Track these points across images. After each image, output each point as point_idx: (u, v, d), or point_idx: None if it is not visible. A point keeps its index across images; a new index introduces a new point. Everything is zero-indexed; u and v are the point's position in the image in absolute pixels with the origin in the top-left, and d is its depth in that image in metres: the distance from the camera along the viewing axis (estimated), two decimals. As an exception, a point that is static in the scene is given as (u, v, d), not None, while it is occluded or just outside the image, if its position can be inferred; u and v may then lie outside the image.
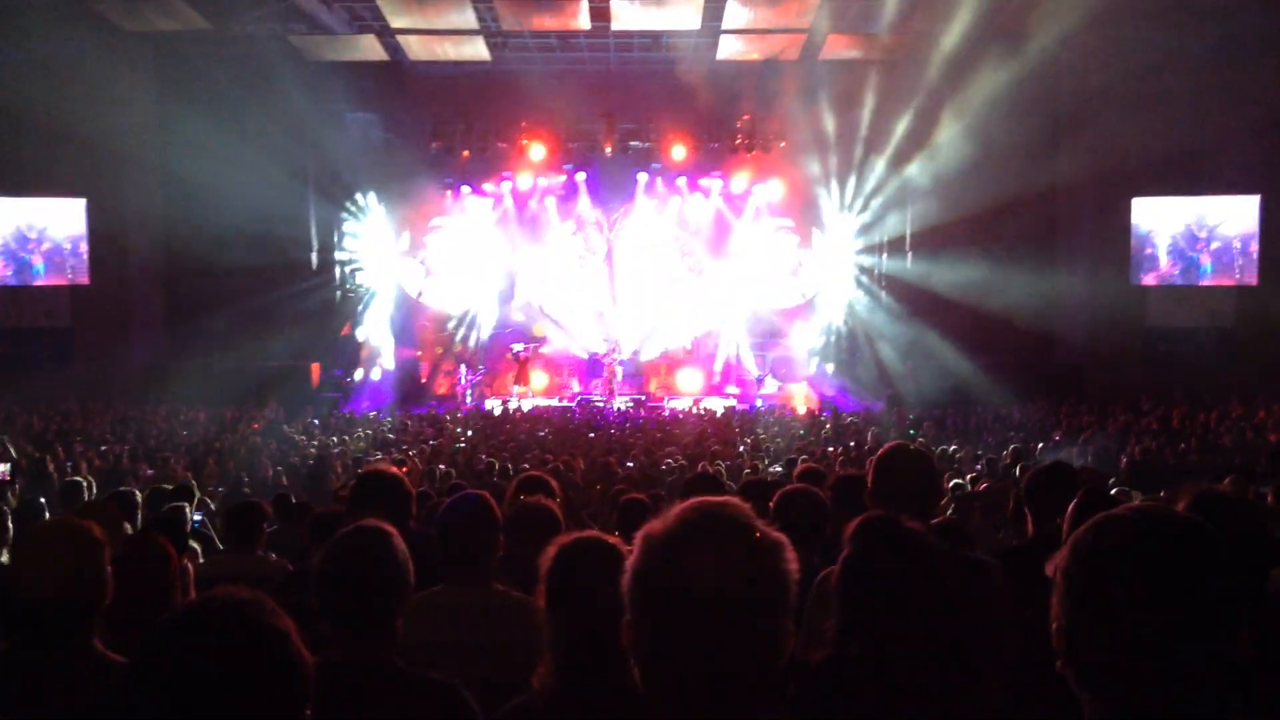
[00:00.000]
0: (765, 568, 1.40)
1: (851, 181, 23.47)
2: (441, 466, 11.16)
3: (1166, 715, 1.33)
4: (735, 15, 19.10)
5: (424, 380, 24.21)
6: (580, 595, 2.13)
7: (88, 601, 2.48)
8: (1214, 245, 21.31)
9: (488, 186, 24.32)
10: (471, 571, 3.20)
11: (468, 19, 19.30)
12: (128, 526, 5.14)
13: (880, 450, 3.48)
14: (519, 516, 3.88)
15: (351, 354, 23.62)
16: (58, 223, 21.69)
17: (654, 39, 21.17)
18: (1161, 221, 21.68)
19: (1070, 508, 3.47)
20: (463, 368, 23.89)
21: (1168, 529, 1.39)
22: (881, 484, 3.29)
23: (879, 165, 22.99)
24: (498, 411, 20.75)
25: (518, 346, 23.73)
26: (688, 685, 1.39)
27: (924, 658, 2.16)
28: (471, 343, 24.80)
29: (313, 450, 13.59)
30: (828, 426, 17.35)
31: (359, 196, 23.84)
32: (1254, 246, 21.00)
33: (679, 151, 23.30)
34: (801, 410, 20.78)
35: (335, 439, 15.39)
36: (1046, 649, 1.46)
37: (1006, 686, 2.36)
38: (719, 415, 19.85)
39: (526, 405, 21.93)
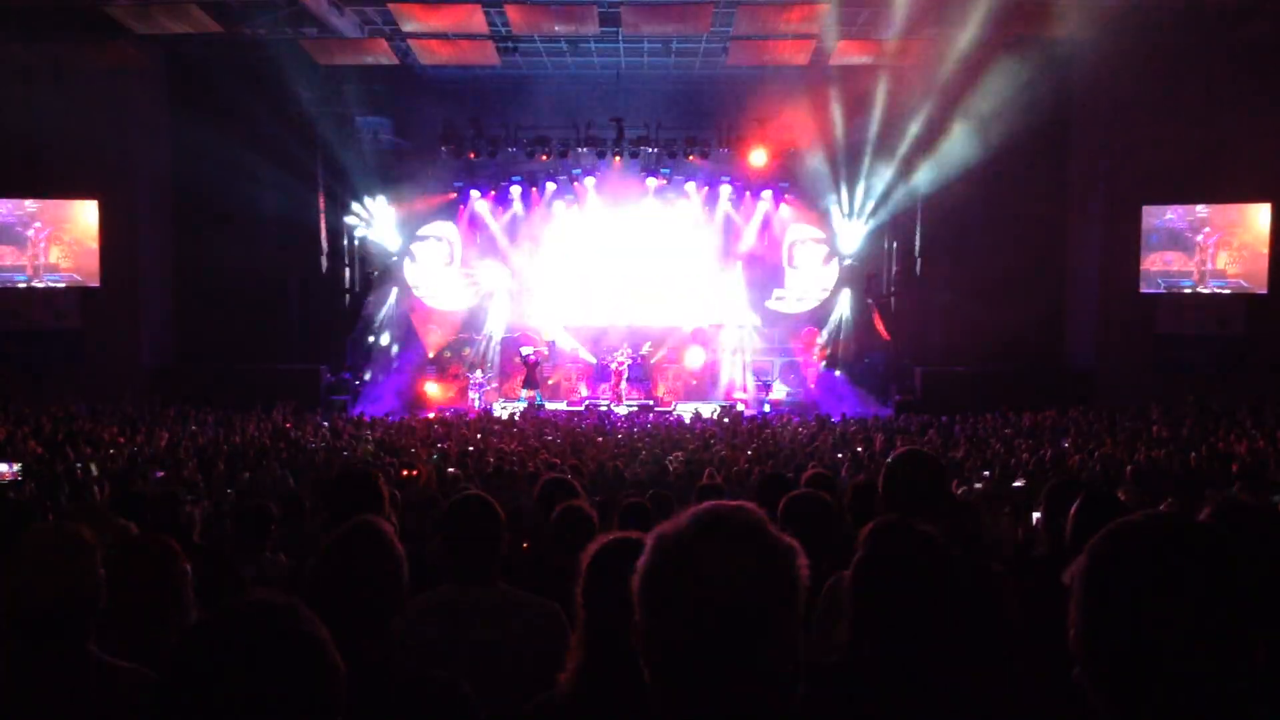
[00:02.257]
0: (777, 572, 1.40)
1: (861, 186, 23.45)
2: (450, 469, 11.17)
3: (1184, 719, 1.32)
4: (745, 21, 19.10)
5: (433, 383, 24.23)
6: (615, 595, 2.13)
7: (80, 606, 2.45)
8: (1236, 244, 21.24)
9: (496, 190, 24.39)
10: (477, 571, 3.21)
11: (478, 24, 19.33)
12: (133, 527, 5.13)
13: (891, 455, 3.47)
14: (563, 519, 3.91)
15: (361, 357, 23.67)
16: (70, 223, 21.77)
17: (664, 44, 21.17)
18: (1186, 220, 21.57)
19: (1072, 510, 3.45)
20: (478, 372, 23.93)
21: (1183, 535, 1.38)
22: (892, 489, 3.27)
23: (889, 170, 22.98)
24: (506, 415, 20.76)
25: (526, 350, 23.76)
26: (695, 688, 1.38)
27: (937, 661, 2.15)
28: (480, 346, 24.84)
29: (322, 453, 13.61)
30: (836, 432, 17.30)
31: (368, 200, 23.89)
32: (1265, 254, 20.90)
33: (689, 156, 23.30)
34: (810, 415, 20.75)
35: (344, 441, 15.40)
36: (1059, 657, 1.45)
37: (1016, 694, 2.35)
38: (726, 420, 19.81)
39: (533, 409, 21.94)
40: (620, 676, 2.11)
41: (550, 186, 24.37)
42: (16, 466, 10.00)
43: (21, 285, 21.69)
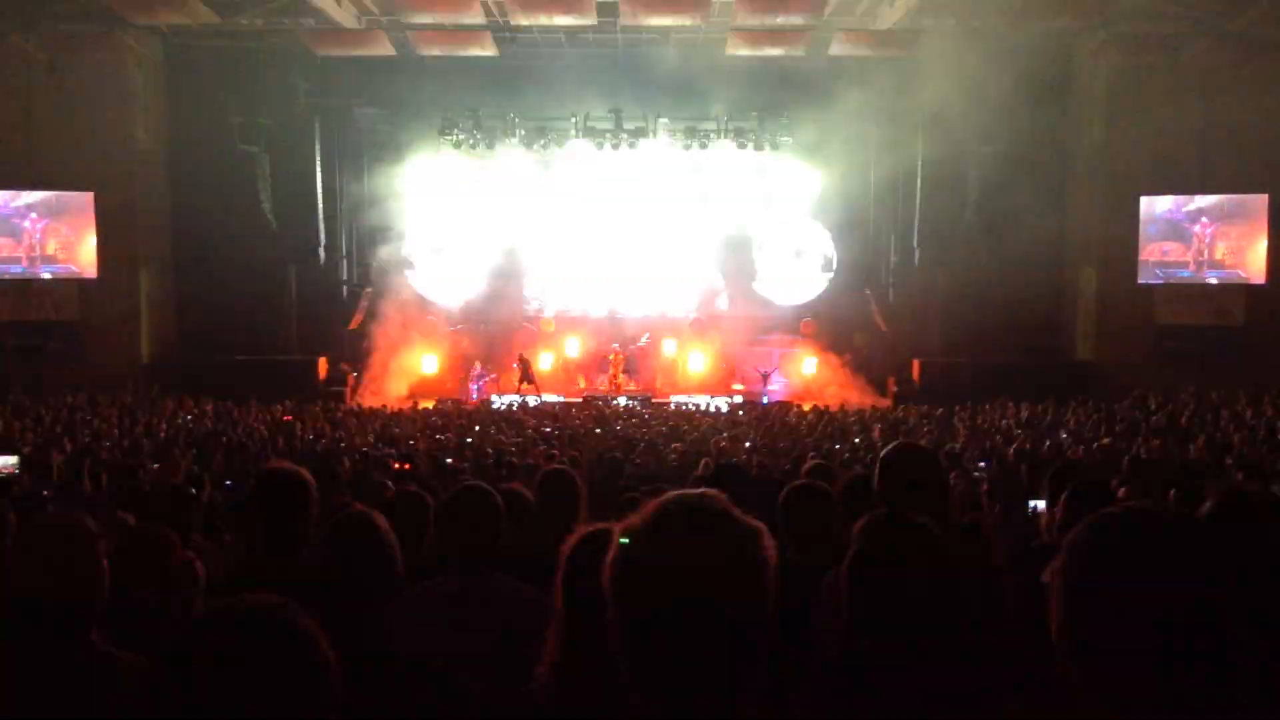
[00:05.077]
0: (739, 556, 1.40)
1: (859, 178, 23.42)
2: (449, 460, 11.16)
3: (1165, 711, 1.32)
4: (743, 12, 19.06)
5: (431, 374, 24.21)
6: (593, 587, 2.12)
7: (84, 597, 2.46)
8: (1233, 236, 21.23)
9: (495, 181, 24.34)
10: (473, 563, 3.20)
11: (476, 14, 19.29)
12: (130, 519, 5.13)
13: (886, 448, 3.45)
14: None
15: (359, 348, 23.64)
16: (67, 215, 21.71)
17: (662, 35, 21.13)
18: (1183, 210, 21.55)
19: (1062, 499, 3.45)
20: (476, 363, 23.91)
21: (1160, 527, 1.38)
22: (889, 482, 3.26)
23: (887, 162, 22.95)
24: (504, 407, 20.76)
25: (523, 353, 23.73)
26: (668, 676, 1.38)
27: (933, 653, 2.15)
28: (479, 337, 24.79)
29: (321, 445, 13.59)
30: (835, 423, 17.29)
31: (366, 190, 23.86)
32: (1263, 244, 20.90)
33: (687, 147, 23.26)
34: (807, 407, 20.74)
35: (342, 433, 15.39)
36: (1050, 649, 1.45)
37: (1015, 687, 2.35)
38: (725, 412, 19.83)
39: (533, 401, 21.94)
40: (597, 669, 2.11)
41: (549, 177, 24.32)
42: (14, 459, 9.96)
43: (19, 277, 21.63)
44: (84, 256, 21.56)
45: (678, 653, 1.37)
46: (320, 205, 23.31)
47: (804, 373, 23.88)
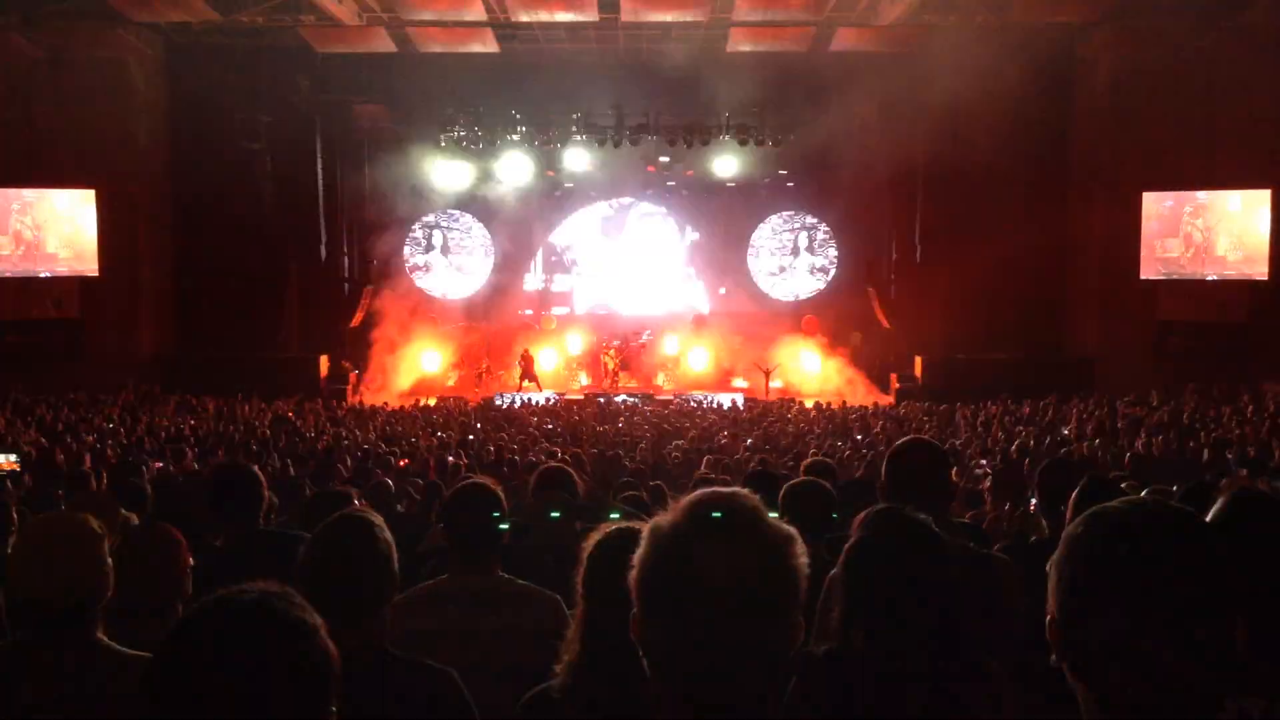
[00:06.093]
0: (775, 560, 1.39)
1: (861, 173, 23.38)
2: (450, 458, 11.17)
3: (1160, 708, 1.31)
4: (744, 8, 19.03)
5: (432, 372, 24.23)
6: (614, 586, 2.13)
7: (88, 595, 2.46)
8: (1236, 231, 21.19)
9: (495, 178, 24.31)
10: (476, 560, 3.19)
11: (476, 11, 19.27)
12: (134, 517, 5.13)
13: (896, 444, 3.45)
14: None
15: (361, 345, 23.65)
16: (68, 213, 21.69)
17: (663, 31, 21.10)
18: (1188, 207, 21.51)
19: (1073, 496, 3.45)
20: (484, 362, 23.91)
21: (1160, 521, 1.37)
22: (897, 478, 3.25)
23: (889, 157, 22.92)
24: (506, 404, 20.77)
25: (522, 353, 23.73)
26: (696, 678, 1.37)
27: (926, 648, 2.15)
28: (481, 335, 24.81)
29: (322, 442, 13.60)
30: (837, 419, 17.30)
31: (366, 188, 23.85)
32: (1266, 241, 20.85)
33: (689, 143, 23.24)
34: (809, 403, 20.73)
35: (344, 430, 15.40)
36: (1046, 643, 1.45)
37: (1015, 681, 2.35)
38: (726, 408, 19.83)
39: (534, 398, 21.96)
40: (617, 668, 2.11)
41: (550, 174, 24.29)
42: (15, 457, 9.97)
43: (20, 275, 21.62)
44: (85, 254, 21.55)
45: (703, 653, 1.36)
46: (321, 202, 23.31)
47: (806, 369, 23.89)
